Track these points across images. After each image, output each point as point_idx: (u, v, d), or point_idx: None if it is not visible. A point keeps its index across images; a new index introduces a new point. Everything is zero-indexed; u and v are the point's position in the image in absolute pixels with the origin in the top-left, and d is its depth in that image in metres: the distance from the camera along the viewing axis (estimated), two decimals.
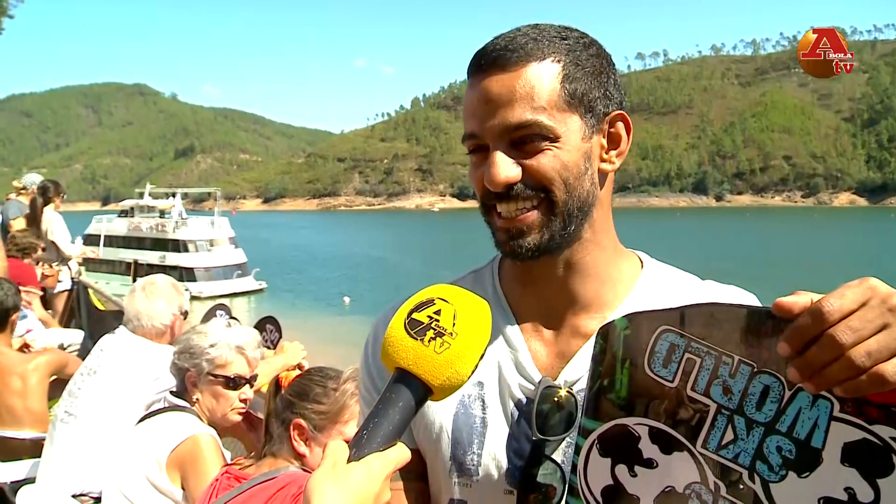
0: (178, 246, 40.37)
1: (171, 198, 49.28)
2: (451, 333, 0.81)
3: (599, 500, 0.89)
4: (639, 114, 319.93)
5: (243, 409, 2.58)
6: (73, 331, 5.32)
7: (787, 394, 0.78)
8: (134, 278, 30.97)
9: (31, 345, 4.27)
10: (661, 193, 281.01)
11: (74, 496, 2.73)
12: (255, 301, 37.85)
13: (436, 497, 1.10)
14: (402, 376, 0.81)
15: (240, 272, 40.41)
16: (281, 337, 4.19)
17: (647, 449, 0.86)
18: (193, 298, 25.05)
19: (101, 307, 6.49)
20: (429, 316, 0.82)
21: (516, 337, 1.07)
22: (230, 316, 3.86)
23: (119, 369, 2.91)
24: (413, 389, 0.80)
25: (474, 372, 0.83)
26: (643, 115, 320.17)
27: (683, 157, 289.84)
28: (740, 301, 1.04)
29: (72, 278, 6.74)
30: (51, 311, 6.22)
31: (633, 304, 1.05)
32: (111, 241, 42.00)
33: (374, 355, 1.13)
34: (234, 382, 2.53)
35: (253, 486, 1.84)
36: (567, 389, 1.00)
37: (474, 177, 1.03)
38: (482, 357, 0.84)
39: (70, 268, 6.94)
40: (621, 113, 1.04)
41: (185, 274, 36.34)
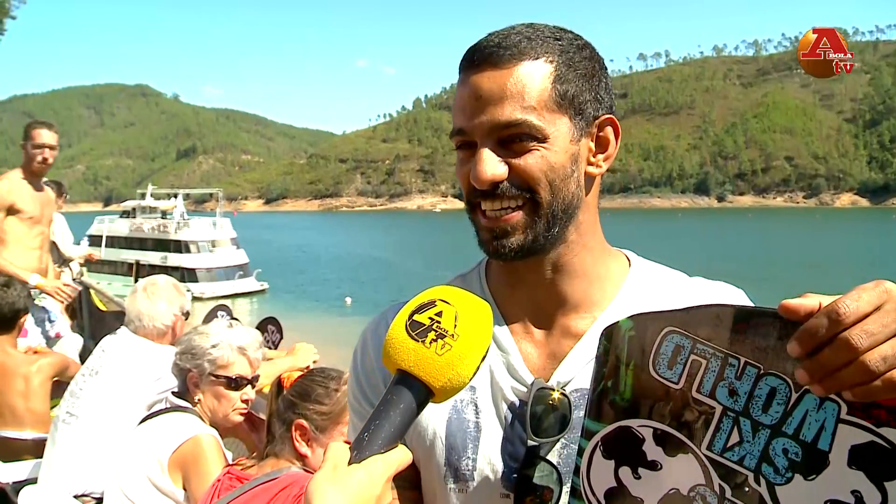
0: (179, 247, 40.37)
1: (172, 199, 49.42)
2: (453, 335, 0.80)
3: (602, 502, 0.88)
4: (640, 114, 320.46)
5: (245, 409, 2.58)
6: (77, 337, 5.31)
7: (794, 396, 0.77)
8: (136, 279, 30.99)
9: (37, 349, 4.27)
10: (663, 194, 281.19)
11: (76, 497, 2.73)
12: (256, 302, 37.82)
13: None
14: (404, 378, 0.80)
15: (241, 273, 40.37)
16: (282, 338, 4.20)
17: (651, 451, 0.85)
18: (195, 299, 25.04)
19: (102, 308, 6.51)
20: (430, 318, 0.81)
21: (507, 339, 1.06)
22: (231, 317, 3.86)
23: (120, 370, 2.91)
24: (414, 391, 0.79)
25: (476, 374, 0.82)
26: (645, 116, 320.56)
27: (685, 158, 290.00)
28: (729, 297, 1.04)
29: (73, 279, 6.74)
30: None
31: (623, 302, 1.05)
32: (113, 241, 42.07)
33: (364, 364, 1.13)
34: (235, 383, 2.53)
35: (255, 486, 1.84)
36: (560, 390, 1.00)
37: (460, 173, 1.02)
38: (484, 359, 0.83)
39: (71, 269, 6.94)
40: (611, 117, 1.03)
41: (186, 275, 36.34)
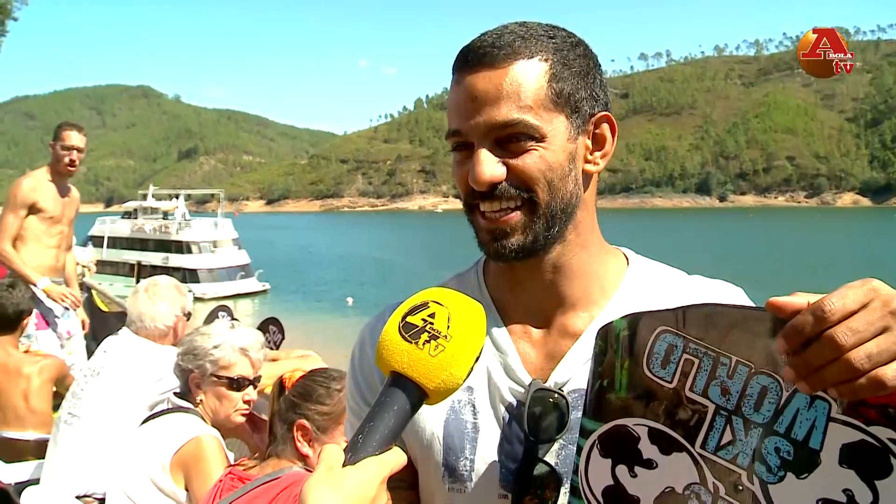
0: (181, 247, 40.36)
1: (174, 199, 49.37)
2: (446, 336, 0.79)
3: (600, 500, 0.89)
4: (642, 114, 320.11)
5: (247, 410, 2.59)
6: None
7: (785, 395, 0.78)
8: (137, 280, 30.97)
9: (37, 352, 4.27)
10: (665, 194, 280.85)
11: (78, 497, 2.73)
12: (258, 302, 37.82)
13: None
14: (397, 380, 0.80)
15: (243, 273, 40.36)
16: (283, 338, 4.20)
17: (647, 449, 0.86)
18: (197, 300, 25.05)
19: (104, 308, 6.51)
20: (423, 319, 0.81)
21: (504, 340, 1.05)
22: (231, 317, 3.87)
23: (122, 371, 2.92)
24: (408, 393, 0.79)
25: (469, 375, 0.82)
26: (646, 116, 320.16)
27: (687, 158, 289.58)
28: (728, 296, 1.04)
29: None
30: None
31: (622, 300, 1.05)
32: (115, 242, 42.14)
33: (361, 365, 1.12)
34: (237, 384, 2.53)
35: (256, 486, 1.85)
36: (558, 391, 0.99)
37: (458, 175, 1.01)
38: (477, 360, 0.83)
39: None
40: (607, 114, 1.03)
41: (188, 275, 36.34)
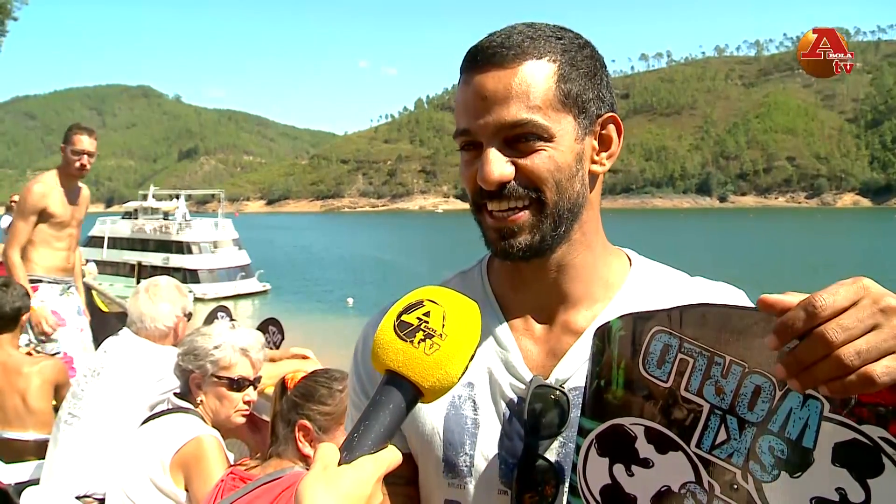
0: (181, 248, 40.30)
1: (174, 199, 49.37)
2: (441, 335, 0.80)
3: (598, 499, 0.90)
4: (642, 115, 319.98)
5: (247, 410, 2.59)
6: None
7: (778, 394, 0.78)
8: (138, 280, 31.01)
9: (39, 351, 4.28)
10: (665, 194, 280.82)
11: (78, 498, 2.74)
12: (259, 303, 37.81)
13: (428, 499, 1.09)
14: (393, 378, 0.80)
15: (243, 274, 40.31)
16: (283, 338, 4.19)
17: (644, 449, 0.87)
18: (197, 300, 25.06)
19: (104, 309, 6.52)
20: (418, 318, 0.81)
21: (506, 336, 1.06)
22: (230, 318, 3.87)
23: (123, 371, 2.92)
24: (403, 391, 0.79)
25: (464, 373, 0.83)
26: (647, 116, 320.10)
27: (687, 158, 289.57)
28: (729, 298, 1.04)
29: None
30: None
31: (624, 300, 1.05)
32: (115, 242, 42.10)
33: (364, 360, 1.13)
34: (237, 384, 2.54)
35: (258, 486, 1.85)
36: (559, 387, 1.00)
37: (466, 174, 1.01)
38: (472, 358, 0.83)
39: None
40: (613, 115, 1.03)
41: (188, 276, 36.30)
